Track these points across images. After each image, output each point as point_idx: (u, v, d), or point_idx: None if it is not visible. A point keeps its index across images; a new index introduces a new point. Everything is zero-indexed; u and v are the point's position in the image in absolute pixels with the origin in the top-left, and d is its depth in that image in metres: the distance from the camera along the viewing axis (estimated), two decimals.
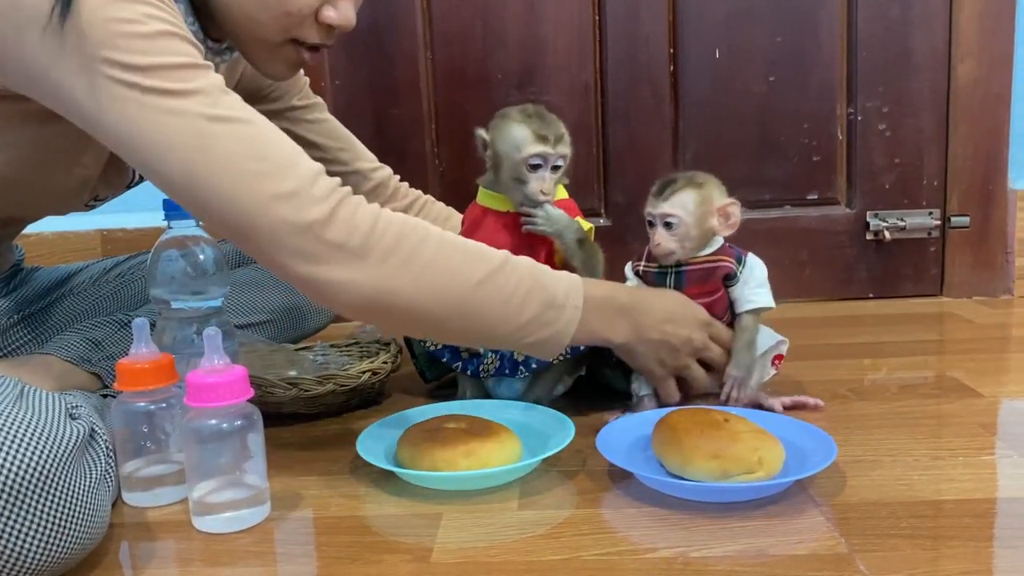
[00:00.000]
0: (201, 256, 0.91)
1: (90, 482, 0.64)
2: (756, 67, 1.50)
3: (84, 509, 0.62)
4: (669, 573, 0.61)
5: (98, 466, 0.68)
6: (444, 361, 1.01)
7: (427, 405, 0.94)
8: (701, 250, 0.93)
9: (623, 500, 0.74)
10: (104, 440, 0.72)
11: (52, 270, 1.16)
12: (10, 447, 0.58)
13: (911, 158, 1.51)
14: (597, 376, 1.00)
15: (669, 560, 0.63)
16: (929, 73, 1.49)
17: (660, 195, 0.92)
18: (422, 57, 1.52)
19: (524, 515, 0.72)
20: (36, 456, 0.59)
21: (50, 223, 1.54)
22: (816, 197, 1.54)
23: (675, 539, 0.66)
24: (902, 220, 1.51)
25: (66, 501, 0.61)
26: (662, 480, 0.73)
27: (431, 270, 0.75)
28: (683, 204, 0.91)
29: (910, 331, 1.32)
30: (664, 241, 0.92)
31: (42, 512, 0.59)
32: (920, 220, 1.52)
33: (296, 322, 1.22)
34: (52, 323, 1.07)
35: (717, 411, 0.78)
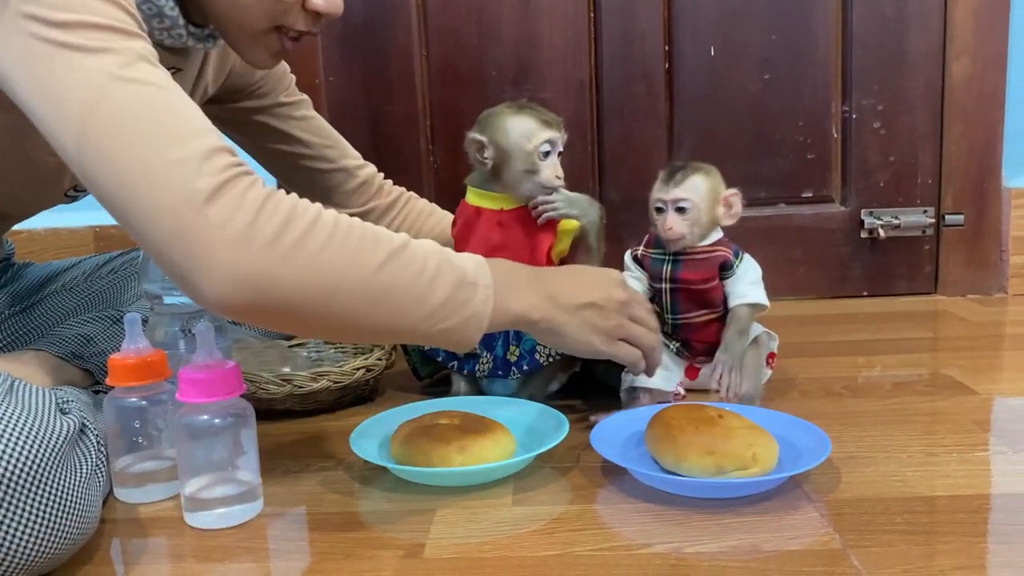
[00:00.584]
0: None
1: (80, 477, 0.64)
2: (751, 64, 1.50)
3: (74, 504, 0.62)
4: (663, 569, 0.61)
5: (88, 461, 0.68)
6: (439, 360, 1.01)
7: (421, 401, 0.93)
8: (703, 240, 0.94)
9: (617, 496, 0.74)
10: (95, 435, 0.71)
11: (44, 266, 1.16)
12: None
13: (906, 156, 1.52)
14: (591, 373, 1.00)
15: (663, 556, 0.63)
16: (924, 71, 1.49)
17: (670, 180, 0.93)
18: (417, 53, 1.52)
19: (518, 511, 0.72)
20: (25, 450, 0.59)
21: (42, 220, 1.55)
22: (811, 195, 1.54)
23: (669, 535, 0.66)
24: (896, 218, 1.51)
25: (56, 496, 0.60)
26: (656, 476, 0.73)
27: (326, 255, 0.66)
28: (695, 188, 0.92)
29: (904, 329, 1.32)
30: (676, 225, 0.92)
31: (31, 507, 0.58)
32: (914, 218, 1.52)
33: None
34: (44, 319, 1.06)
35: (711, 407, 0.78)
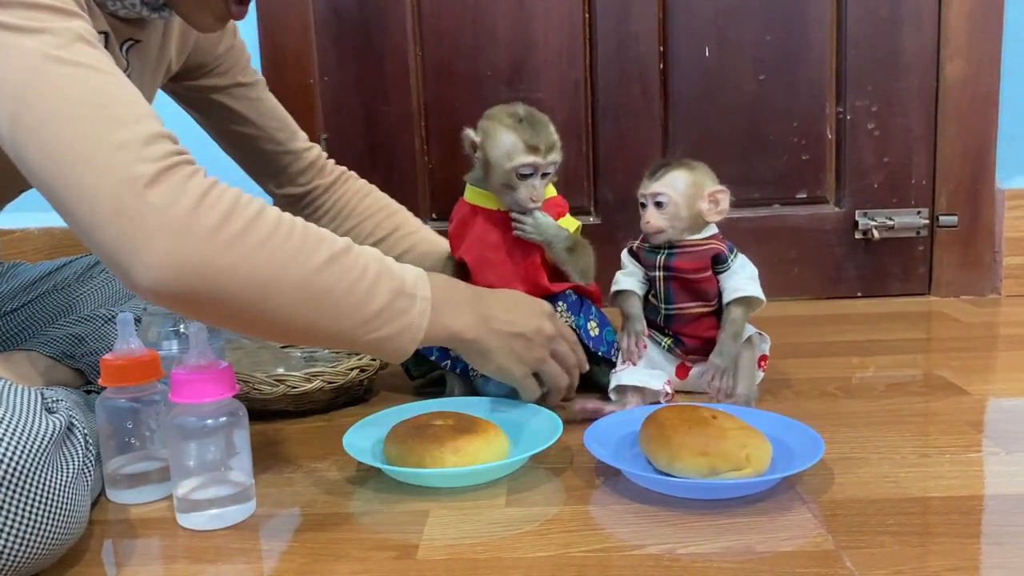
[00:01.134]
0: None
1: (67, 477, 0.63)
2: (746, 65, 1.50)
3: (61, 504, 0.61)
4: (657, 570, 0.61)
5: (75, 460, 0.67)
6: (432, 359, 1.01)
7: (414, 402, 0.93)
8: (694, 234, 0.95)
9: (611, 497, 0.73)
10: (83, 434, 0.71)
11: (35, 266, 1.15)
12: None
13: (900, 157, 1.52)
14: (584, 373, 1.00)
15: (656, 557, 0.63)
16: (918, 72, 1.49)
17: (652, 176, 0.94)
18: (412, 53, 1.52)
19: (511, 512, 0.71)
20: (8, 451, 0.58)
21: (35, 219, 1.54)
22: (805, 196, 1.55)
23: (663, 536, 0.66)
24: (891, 219, 1.52)
25: (41, 496, 0.60)
26: (650, 477, 0.73)
27: (266, 249, 0.66)
28: (672, 184, 0.93)
29: (898, 330, 1.32)
30: (654, 219, 0.93)
31: (16, 508, 0.58)
32: (908, 219, 1.52)
33: None
34: (36, 319, 1.05)
35: (705, 408, 0.78)
